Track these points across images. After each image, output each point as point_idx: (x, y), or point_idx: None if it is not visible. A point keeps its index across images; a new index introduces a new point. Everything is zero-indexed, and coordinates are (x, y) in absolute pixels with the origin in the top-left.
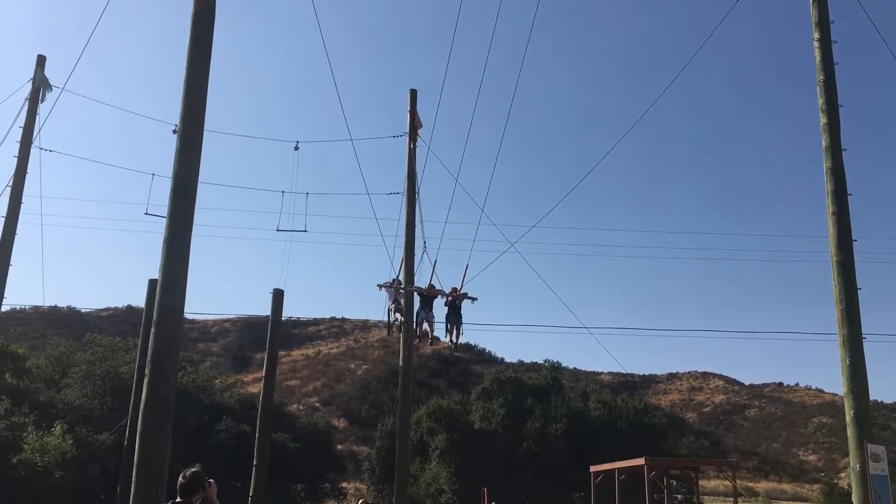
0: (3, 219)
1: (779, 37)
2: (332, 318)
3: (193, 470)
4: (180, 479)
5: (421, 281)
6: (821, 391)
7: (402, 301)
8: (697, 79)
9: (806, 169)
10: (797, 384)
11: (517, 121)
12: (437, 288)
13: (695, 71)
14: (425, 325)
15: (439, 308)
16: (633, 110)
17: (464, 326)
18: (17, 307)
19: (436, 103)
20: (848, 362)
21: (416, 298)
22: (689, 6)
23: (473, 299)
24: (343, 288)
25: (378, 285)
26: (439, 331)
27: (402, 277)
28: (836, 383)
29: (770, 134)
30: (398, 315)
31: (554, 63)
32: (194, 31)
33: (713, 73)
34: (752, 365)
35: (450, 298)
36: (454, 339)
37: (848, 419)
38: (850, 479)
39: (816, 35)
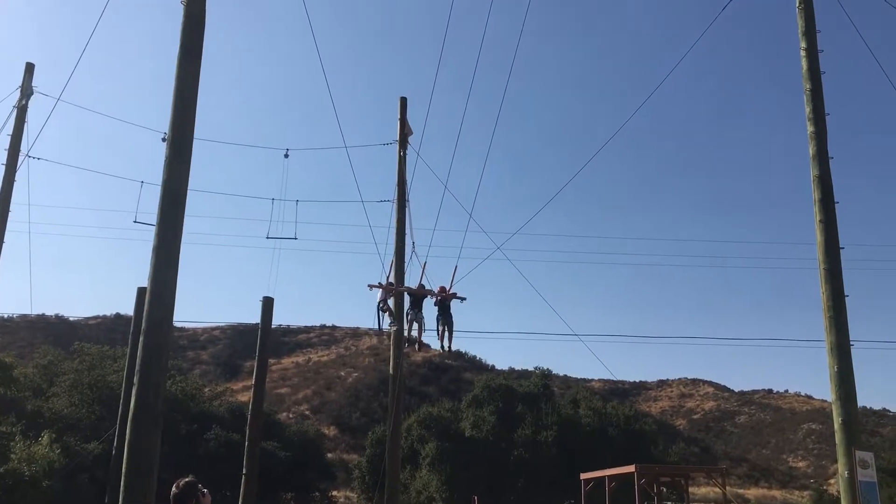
0: None
1: (770, 40)
2: (323, 326)
3: (187, 480)
4: (173, 489)
5: (411, 285)
6: (810, 398)
7: (390, 302)
8: (688, 83)
9: (795, 174)
10: (786, 391)
11: (509, 124)
12: (426, 288)
13: (686, 75)
14: (415, 328)
15: (428, 309)
16: (627, 115)
17: (455, 332)
18: (5, 315)
19: (426, 107)
20: (836, 369)
21: (406, 300)
22: (681, 10)
23: (462, 299)
24: (333, 295)
25: (369, 285)
26: (430, 335)
27: (392, 281)
28: (824, 390)
29: (759, 139)
30: (388, 315)
31: (546, 66)
32: (184, 39)
33: (704, 77)
34: (742, 372)
35: (439, 298)
36: (446, 344)
37: (836, 426)
38: (839, 485)
39: (803, 45)
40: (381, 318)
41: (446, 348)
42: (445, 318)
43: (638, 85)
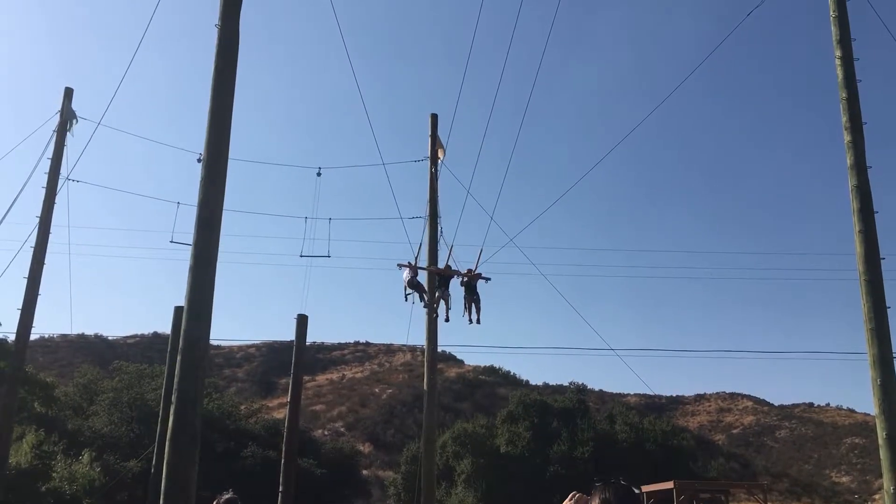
0: (32, 249)
1: (783, 50)
2: (357, 343)
3: (228, 496)
4: None
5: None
6: (852, 411)
7: (418, 279)
8: (717, 93)
9: (832, 184)
10: (828, 404)
11: (527, 130)
12: (453, 268)
13: (712, 85)
14: (442, 304)
15: (455, 291)
16: (650, 122)
17: (488, 347)
18: (46, 335)
19: (448, 117)
20: (879, 382)
21: (418, 282)
22: (695, 16)
23: (487, 279)
24: (366, 312)
25: (398, 264)
26: (457, 312)
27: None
28: (867, 403)
29: (794, 151)
30: (416, 291)
31: (559, 71)
32: (218, 62)
33: (731, 87)
34: (782, 385)
35: (465, 279)
36: (474, 317)
37: (880, 440)
38: (884, 501)
39: (838, 53)
40: (406, 293)
41: (474, 320)
42: (472, 295)
43: (654, 91)
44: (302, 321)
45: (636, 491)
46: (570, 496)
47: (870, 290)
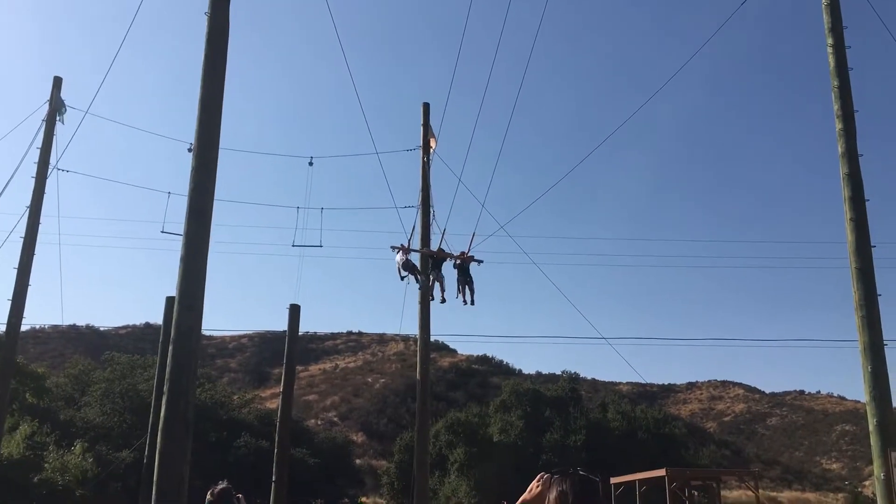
0: (22, 239)
1: (777, 39)
2: (349, 333)
3: (222, 487)
4: (208, 496)
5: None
6: (843, 398)
7: (412, 260)
8: (713, 85)
9: (823, 172)
10: (818, 392)
11: (518, 122)
12: (446, 251)
13: (708, 76)
14: (437, 287)
15: (449, 276)
16: (642, 114)
17: (481, 336)
18: (37, 326)
19: (440, 108)
20: (870, 369)
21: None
22: (691, 6)
23: (479, 261)
24: (359, 302)
25: (392, 246)
26: (450, 295)
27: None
28: (858, 390)
29: (777, 137)
30: (409, 273)
31: (555, 61)
32: (208, 50)
33: (724, 75)
34: (773, 373)
35: (458, 261)
36: (468, 299)
37: (871, 427)
38: (874, 487)
39: (830, 41)
40: (401, 275)
41: (468, 301)
42: (465, 277)
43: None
44: (294, 311)
45: (595, 479)
46: (537, 477)
47: (861, 278)
